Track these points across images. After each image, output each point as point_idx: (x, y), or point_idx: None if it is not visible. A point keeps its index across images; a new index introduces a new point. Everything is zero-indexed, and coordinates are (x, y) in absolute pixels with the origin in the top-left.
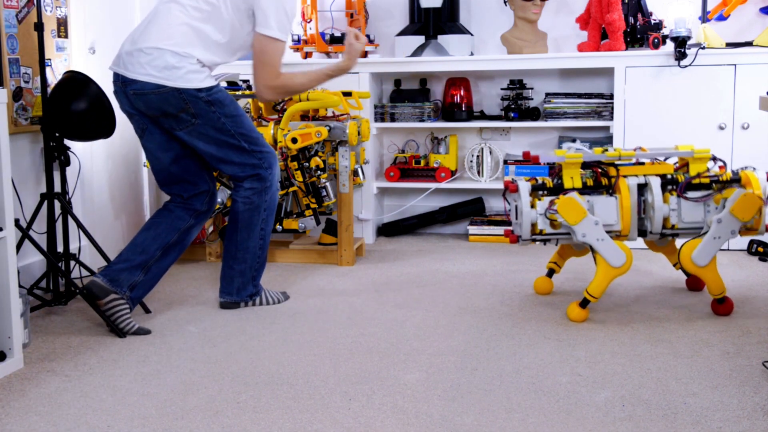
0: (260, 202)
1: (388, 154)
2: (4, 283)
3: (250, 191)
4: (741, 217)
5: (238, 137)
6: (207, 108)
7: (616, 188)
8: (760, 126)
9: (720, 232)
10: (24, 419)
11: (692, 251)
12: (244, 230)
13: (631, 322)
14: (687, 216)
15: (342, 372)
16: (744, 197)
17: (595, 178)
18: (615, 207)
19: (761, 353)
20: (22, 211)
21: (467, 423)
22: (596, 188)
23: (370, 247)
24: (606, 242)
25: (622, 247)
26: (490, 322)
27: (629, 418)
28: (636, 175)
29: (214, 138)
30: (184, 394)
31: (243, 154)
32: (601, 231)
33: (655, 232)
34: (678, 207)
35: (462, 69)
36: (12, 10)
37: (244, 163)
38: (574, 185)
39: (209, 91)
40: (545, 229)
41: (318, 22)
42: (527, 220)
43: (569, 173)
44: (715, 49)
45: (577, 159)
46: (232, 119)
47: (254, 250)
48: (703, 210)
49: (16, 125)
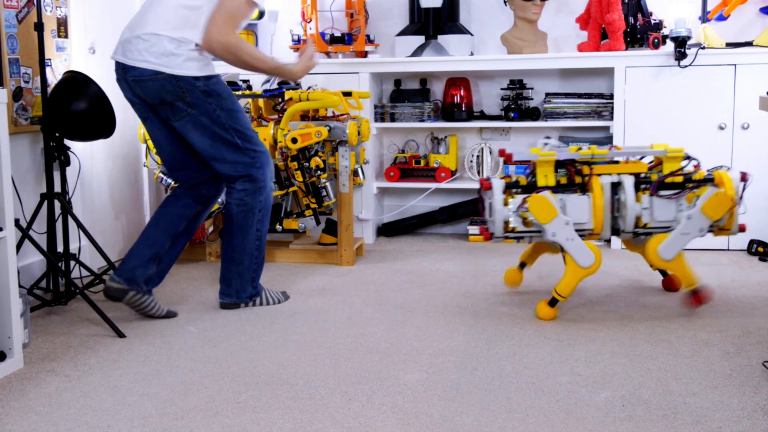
0: (254, 203)
1: (388, 154)
2: (4, 283)
3: (242, 193)
4: (711, 215)
5: (232, 133)
6: (203, 98)
7: (589, 187)
8: (760, 126)
9: (689, 228)
10: (24, 419)
11: (658, 245)
12: (240, 232)
13: (631, 322)
14: (659, 215)
15: (342, 372)
16: (716, 196)
17: (569, 176)
18: (588, 205)
19: (761, 353)
20: (22, 211)
21: (467, 423)
22: (570, 186)
23: (370, 247)
24: (575, 242)
25: (591, 247)
26: (490, 322)
27: (629, 418)
28: (610, 173)
29: (209, 131)
30: (184, 394)
31: (236, 152)
32: (571, 231)
33: (628, 230)
34: (650, 206)
35: (462, 69)
36: (12, 10)
37: (237, 161)
38: (548, 183)
39: (207, 80)
40: (517, 227)
41: (318, 22)
42: (499, 218)
43: (543, 171)
44: (715, 49)
45: (550, 157)
46: (228, 113)
47: (251, 251)
48: (676, 209)
49: (16, 125)
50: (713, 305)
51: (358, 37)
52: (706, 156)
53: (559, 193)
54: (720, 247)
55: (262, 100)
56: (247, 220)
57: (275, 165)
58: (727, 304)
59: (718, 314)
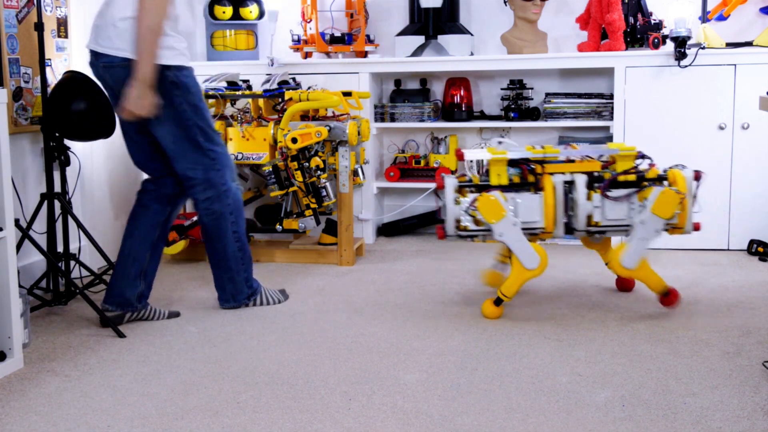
0: (222, 209)
1: (388, 154)
2: (4, 283)
3: (207, 202)
4: (662, 215)
5: (195, 130)
6: (171, 90)
7: (541, 185)
8: (760, 126)
9: (644, 233)
10: (24, 419)
11: (620, 256)
12: (218, 240)
13: (631, 322)
14: (610, 213)
15: (342, 372)
16: (662, 195)
17: (523, 175)
18: (539, 204)
19: (761, 353)
20: (22, 211)
21: (467, 423)
22: (523, 186)
23: (370, 247)
24: (522, 244)
25: (537, 249)
26: (490, 322)
27: (629, 418)
28: (563, 172)
29: (173, 126)
30: (184, 394)
31: (196, 151)
32: (519, 232)
33: (580, 229)
34: (602, 204)
35: (462, 69)
36: (12, 10)
37: (197, 161)
38: (501, 182)
39: (178, 71)
40: (469, 226)
41: (318, 22)
42: (451, 217)
43: (496, 170)
44: (715, 49)
45: (502, 156)
46: (194, 109)
47: (234, 254)
48: (627, 207)
49: (16, 125)
50: (713, 305)
51: (358, 37)
52: (706, 156)
53: (511, 192)
54: (720, 247)
55: (262, 100)
56: (221, 227)
57: (275, 165)
58: (727, 304)
59: (718, 314)
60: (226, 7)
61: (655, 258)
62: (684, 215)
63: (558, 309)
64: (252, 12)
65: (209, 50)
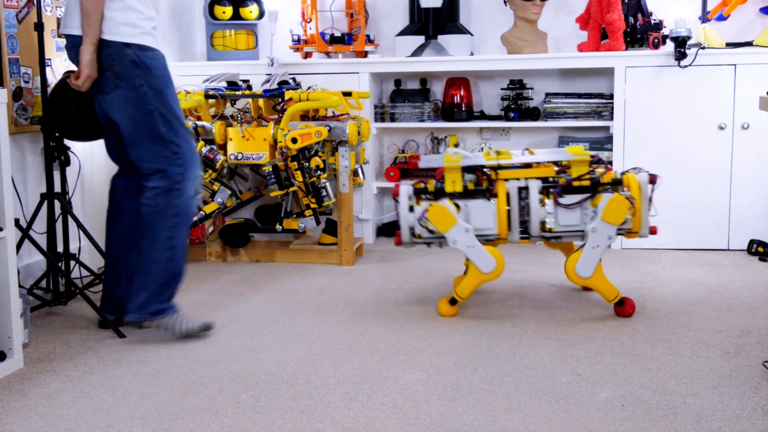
0: (167, 205)
1: (388, 154)
2: (4, 283)
3: (154, 191)
4: (613, 221)
5: (156, 117)
6: (132, 70)
7: (494, 192)
8: (760, 126)
9: (597, 240)
10: (24, 419)
11: (574, 265)
12: (147, 237)
13: (631, 322)
14: (563, 219)
15: (342, 372)
16: (611, 201)
17: (478, 181)
18: (492, 211)
19: (761, 353)
20: (22, 211)
21: (467, 423)
22: (477, 192)
23: (370, 247)
24: (476, 249)
25: (493, 253)
26: (490, 322)
27: (629, 418)
28: (517, 178)
29: (132, 108)
30: (184, 394)
31: (157, 142)
32: (471, 238)
33: (534, 235)
34: (554, 210)
35: (462, 69)
36: (12, 10)
37: (156, 153)
38: (455, 189)
39: (140, 50)
40: (423, 234)
41: (318, 22)
42: (405, 224)
43: (451, 177)
44: (715, 49)
45: (455, 163)
46: (157, 93)
47: (160, 261)
48: (580, 213)
49: (16, 125)
50: (713, 305)
51: (358, 37)
52: (706, 156)
53: (463, 199)
54: (720, 247)
55: (262, 100)
56: (157, 224)
57: (275, 165)
58: (727, 304)
59: (718, 314)
60: (226, 7)
61: (655, 258)
62: (637, 219)
63: (557, 309)
64: (252, 12)
65: (209, 50)
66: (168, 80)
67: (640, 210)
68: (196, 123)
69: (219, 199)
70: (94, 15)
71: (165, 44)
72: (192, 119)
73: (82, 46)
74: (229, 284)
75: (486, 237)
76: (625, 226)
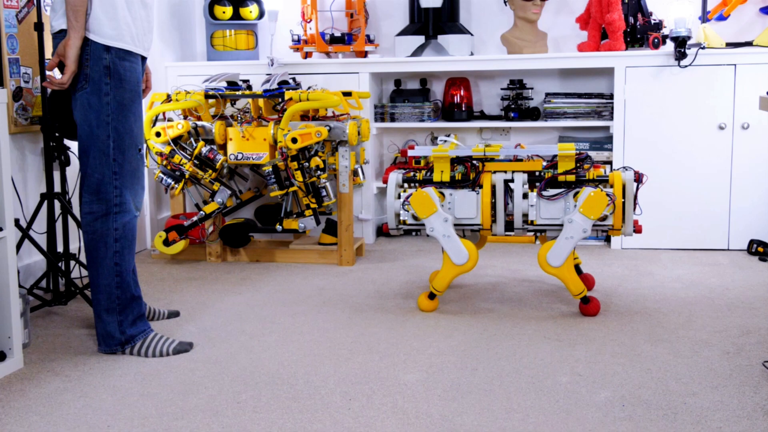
0: (105, 231)
1: (388, 154)
2: (4, 283)
3: (89, 217)
4: (590, 215)
5: (110, 131)
6: (103, 77)
7: (479, 183)
8: (760, 126)
9: (571, 232)
10: (24, 419)
11: (546, 252)
12: (92, 265)
13: (631, 322)
14: (545, 213)
15: (342, 372)
16: (591, 196)
17: (466, 172)
18: (476, 201)
19: (761, 353)
20: (22, 211)
21: (467, 423)
22: (465, 182)
23: (370, 247)
24: (451, 239)
25: (467, 246)
26: (490, 322)
27: (629, 418)
28: (504, 171)
29: (92, 116)
30: (184, 394)
31: (101, 157)
32: (449, 228)
33: (518, 227)
34: (537, 204)
35: (462, 69)
36: (12, 10)
37: (96, 167)
38: (443, 179)
39: (119, 57)
40: (408, 220)
41: (318, 22)
42: (391, 211)
43: (440, 167)
44: (715, 49)
45: (443, 154)
46: (120, 108)
47: (108, 288)
48: (563, 207)
49: (16, 125)
50: (713, 305)
51: (358, 37)
52: (706, 156)
53: (449, 188)
54: (720, 247)
55: (262, 100)
56: (99, 251)
57: (275, 165)
58: (727, 304)
59: (718, 314)
60: (226, 7)
61: (655, 258)
62: (618, 216)
63: (557, 309)
64: (252, 12)
65: (209, 50)
66: (136, 96)
67: (621, 207)
68: (196, 123)
69: (219, 199)
70: (81, 8)
71: (165, 44)
72: (192, 119)
73: (69, 41)
74: (229, 284)
75: (469, 227)
76: (606, 223)
